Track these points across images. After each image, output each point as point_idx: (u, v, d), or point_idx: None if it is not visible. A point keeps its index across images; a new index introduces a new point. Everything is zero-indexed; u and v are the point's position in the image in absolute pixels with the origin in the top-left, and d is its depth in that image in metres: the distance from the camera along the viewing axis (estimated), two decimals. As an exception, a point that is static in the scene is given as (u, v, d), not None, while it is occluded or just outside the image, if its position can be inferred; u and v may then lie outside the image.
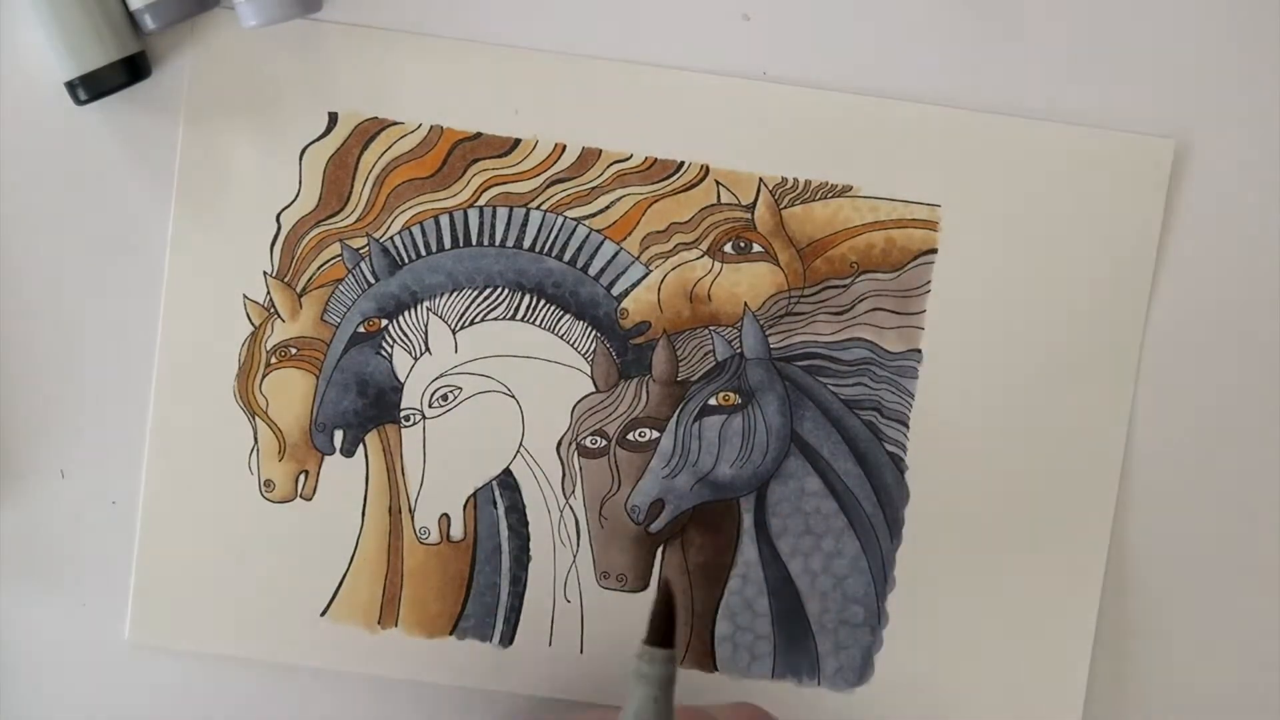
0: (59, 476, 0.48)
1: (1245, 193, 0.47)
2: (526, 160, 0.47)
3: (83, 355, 0.48)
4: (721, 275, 0.48)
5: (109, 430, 0.48)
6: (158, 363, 0.48)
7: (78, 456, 0.48)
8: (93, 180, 0.47)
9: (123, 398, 0.48)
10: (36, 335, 0.48)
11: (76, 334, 0.48)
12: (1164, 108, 0.47)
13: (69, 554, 0.49)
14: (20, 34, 0.47)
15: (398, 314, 0.48)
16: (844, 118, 0.47)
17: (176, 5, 0.45)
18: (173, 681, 0.49)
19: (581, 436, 0.48)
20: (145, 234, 0.48)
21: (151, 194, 0.47)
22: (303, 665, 0.49)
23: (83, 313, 0.48)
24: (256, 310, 0.48)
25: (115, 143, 0.47)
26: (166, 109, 0.47)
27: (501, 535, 0.49)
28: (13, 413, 0.48)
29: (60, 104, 0.46)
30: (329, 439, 0.48)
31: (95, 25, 0.45)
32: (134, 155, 0.47)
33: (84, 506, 0.49)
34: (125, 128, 0.47)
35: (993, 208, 0.48)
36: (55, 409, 0.48)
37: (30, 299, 0.48)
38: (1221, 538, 0.48)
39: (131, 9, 0.46)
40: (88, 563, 0.49)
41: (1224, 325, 0.48)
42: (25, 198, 0.47)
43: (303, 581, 0.49)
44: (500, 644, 0.49)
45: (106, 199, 0.47)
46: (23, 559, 0.49)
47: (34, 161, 0.47)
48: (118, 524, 0.48)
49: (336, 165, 0.47)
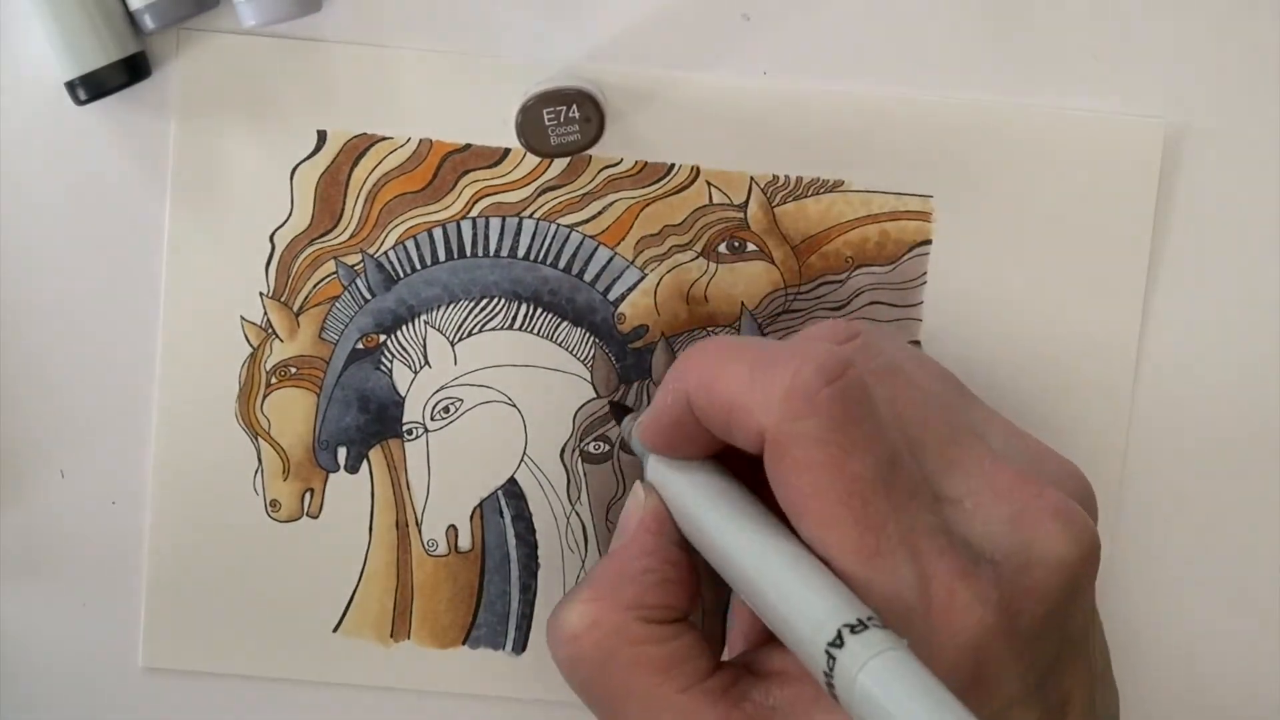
0: (59, 476, 0.49)
1: (1238, 175, 0.47)
2: (517, 170, 0.47)
3: (83, 355, 0.48)
4: (717, 276, 0.48)
5: (109, 431, 0.48)
6: (158, 388, 0.48)
7: (78, 456, 0.48)
8: (93, 180, 0.47)
9: (123, 397, 0.48)
10: (37, 335, 0.48)
11: (77, 334, 0.48)
12: (1154, 91, 0.47)
13: (69, 554, 0.49)
14: (20, 34, 0.46)
15: (395, 329, 0.48)
16: (833, 112, 0.47)
17: (176, 5, 0.45)
18: (187, 703, 0.49)
19: (585, 442, 0.48)
20: (146, 233, 0.47)
21: (152, 193, 0.47)
22: (317, 681, 0.49)
23: (83, 313, 0.48)
24: (254, 331, 0.48)
25: (115, 143, 0.47)
26: (166, 109, 0.47)
27: (509, 544, 0.49)
28: (13, 413, 0.48)
29: (60, 104, 0.46)
30: (332, 456, 0.48)
31: (95, 25, 0.45)
32: (134, 155, 0.47)
33: (84, 507, 0.49)
34: (125, 128, 0.47)
35: (985, 196, 0.47)
36: (55, 409, 0.48)
37: (30, 299, 0.48)
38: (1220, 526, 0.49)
39: (131, 9, 0.45)
40: (88, 563, 0.49)
41: (1221, 309, 0.48)
42: (25, 198, 0.47)
43: (313, 599, 0.49)
44: (513, 652, 0.49)
45: (107, 199, 0.47)
46: (23, 559, 0.49)
47: (34, 162, 0.47)
48: (118, 524, 0.48)
49: (327, 183, 0.47)
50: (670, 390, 0.39)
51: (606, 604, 0.39)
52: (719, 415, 0.38)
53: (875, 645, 0.33)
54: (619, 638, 0.39)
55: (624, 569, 0.40)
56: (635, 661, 0.38)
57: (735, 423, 0.37)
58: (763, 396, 0.36)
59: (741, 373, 0.37)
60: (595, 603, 0.39)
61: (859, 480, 0.35)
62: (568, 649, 0.39)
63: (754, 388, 0.37)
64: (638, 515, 0.41)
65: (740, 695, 0.37)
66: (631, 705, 0.38)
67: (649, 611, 0.39)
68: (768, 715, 0.37)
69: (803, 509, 0.36)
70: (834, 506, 0.35)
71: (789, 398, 0.36)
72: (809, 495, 0.36)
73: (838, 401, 0.36)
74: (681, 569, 0.40)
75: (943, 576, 0.35)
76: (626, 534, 0.41)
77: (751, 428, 0.37)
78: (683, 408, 0.39)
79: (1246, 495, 0.48)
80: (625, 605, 0.39)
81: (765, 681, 0.38)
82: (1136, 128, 0.47)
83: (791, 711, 0.36)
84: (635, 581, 0.39)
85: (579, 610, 0.39)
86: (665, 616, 0.39)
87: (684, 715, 0.37)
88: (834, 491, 0.35)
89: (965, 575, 0.36)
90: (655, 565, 0.40)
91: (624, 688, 0.38)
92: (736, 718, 0.37)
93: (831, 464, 0.35)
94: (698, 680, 0.38)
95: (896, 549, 0.35)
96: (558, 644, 0.40)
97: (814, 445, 0.36)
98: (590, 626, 0.39)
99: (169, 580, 0.48)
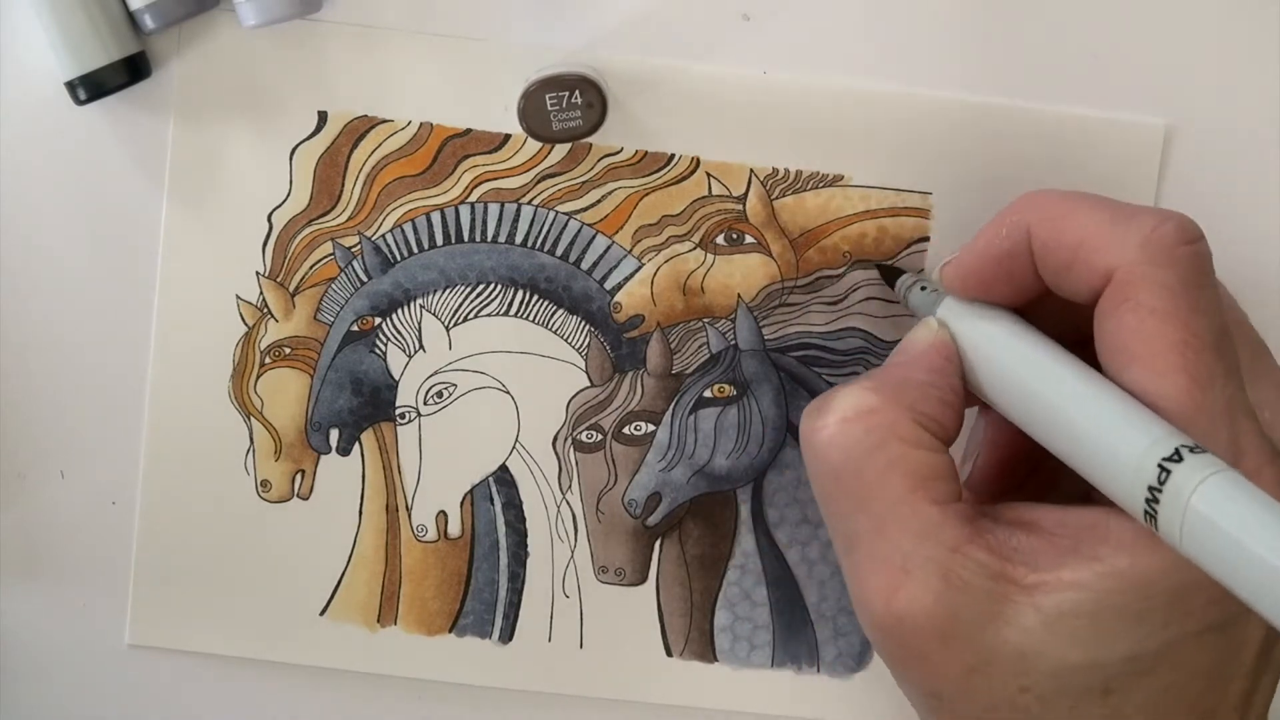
0: (59, 476, 0.48)
1: (1236, 174, 0.47)
2: (516, 156, 0.47)
3: (84, 355, 0.48)
4: (714, 267, 0.48)
5: (108, 430, 0.48)
6: (152, 365, 0.48)
7: (78, 456, 0.48)
8: (93, 180, 0.47)
9: (123, 397, 0.48)
10: (38, 335, 0.48)
11: (78, 334, 0.48)
12: (1154, 90, 0.47)
13: (69, 554, 0.49)
14: (20, 34, 0.46)
15: (391, 312, 0.48)
16: (834, 107, 0.47)
17: (176, 5, 0.45)
18: (172, 682, 0.49)
19: (577, 431, 0.48)
20: (147, 233, 0.47)
21: (151, 194, 0.47)
22: (302, 664, 0.49)
23: (83, 313, 0.48)
24: (250, 311, 0.48)
25: (115, 143, 0.47)
26: (166, 109, 0.47)
27: (499, 531, 0.49)
28: (13, 413, 0.48)
29: (60, 104, 0.46)
30: (324, 438, 0.48)
31: (95, 25, 0.45)
32: (134, 155, 0.47)
33: (84, 506, 0.49)
34: (125, 128, 0.47)
35: (984, 195, 0.47)
36: (55, 409, 0.48)
37: (30, 299, 0.48)
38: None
39: (131, 9, 0.45)
40: (88, 563, 0.49)
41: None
42: (25, 197, 0.47)
43: (301, 581, 0.49)
44: (500, 640, 0.49)
45: (106, 198, 0.47)
46: (23, 559, 0.49)
47: (34, 162, 0.47)
48: (117, 524, 0.48)
49: (327, 164, 0.47)
50: (1007, 223, 0.39)
51: (887, 396, 0.39)
52: (1064, 252, 0.38)
53: (1207, 467, 0.32)
54: (892, 431, 0.38)
55: (909, 376, 0.40)
56: (899, 459, 0.38)
57: (1080, 261, 0.37)
58: (1120, 238, 0.37)
59: (1100, 213, 0.38)
60: (877, 393, 0.39)
61: (1199, 336, 0.36)
62: (837, 428, 0.39)
63: (1112, 229, 0.37)
64: (928, 340, 0.41)
65: (984, 529, 0.37)
66: (880, 500, 0.38)
67: (925, 419, 0.39)
68: (1009, 553, 0.36)
69: (1136, 352, 0.36)
70: (1169, 353, 0.36)
71: (1148, 243, 0.36)
72: (1147, 339, 0.36)
73: (1194, 260, 0.37)
74: (959, 398, 0.40)
75: (1254, 455, 0.35)
76: (913, 352, 0.41)
77: (1097, 267, 0.37)
78: (1018, 241, 0.39)
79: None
80: (907, 404, 0.39)
81: (1009, 527, 0.37)
82: (1136, 128, 0.47)
83: (1036, 557, 0.36)
84: (919, 388, 0.39)
85: (859, 394, 0.39)
86: (937, 432, 0.39)
87: (930, 526, 0.37)
88: (1173, 339, 0.36)
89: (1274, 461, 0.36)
90: (940, 382, 0.39)
91: (879, 483, 0.38)
92: (980, 545, 0.36)
93: (1177, 315, 0.36)
94: (951, 499, 0.38)
95: (1219, 410, 0.35)
96: (824, 423, 0.39)
97: (1165, 292, 0.36)
98: (868, 411, 0.38)
99: (156, 557, 0.48)
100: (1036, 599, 0.36)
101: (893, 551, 0.37)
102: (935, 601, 0.36)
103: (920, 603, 0.36)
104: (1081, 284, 0.38)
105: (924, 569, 0.36)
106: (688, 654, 0.49)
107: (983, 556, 0.36)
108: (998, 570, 0.36)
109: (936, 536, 0.37)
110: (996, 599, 0.36)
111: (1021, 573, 0.36)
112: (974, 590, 0.36)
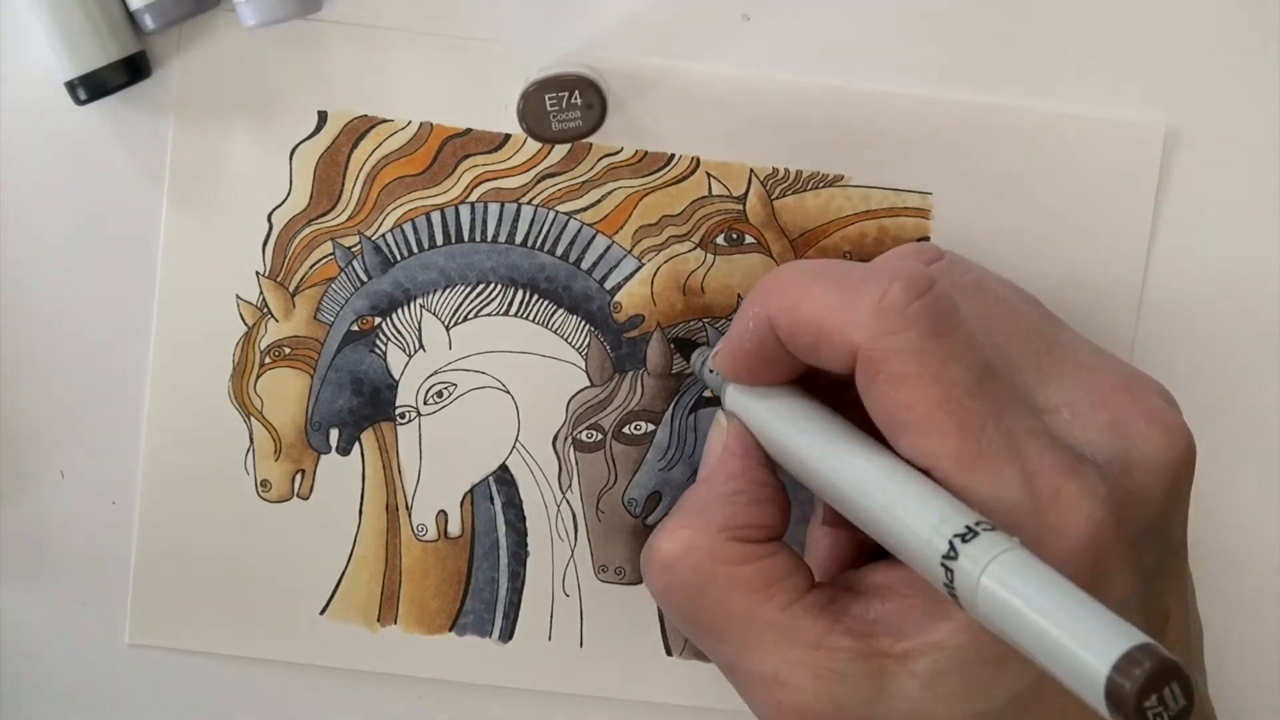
0: (59, 476, 0.48)
1: (1237, 174, 0.47)
2: (516, 156, 0.47)
3: (84, 355, 0.48)
4: (714, 267, 0.48)
5: (108, 430, 0.48)
6: (152, 365, 0.48)
7: (78, 456, 0.48)
8: (93, 180, 0.47)
9: (123, 397, 0.48)
10: (38, 336, 0.48)
11: (79, 334, 0.48)
12: (1154, 90, 0.47)
13: (69, 554, 0.49)
14: (20, 34, 0.46)
15: (391, 312, 0.48)
16: (834, 107, 0.47)
17: (176, 5, 0.45)
18: (172, 681, 0.49)
19: (577, 431, 0.48)
20: (147, 233, 0.47)
21: (151, 194, 0.47)
22: (302, 664, 0.49)
23: (83, 313, 0.48)
24: (249, 310, 0.48)
25: (115, 143, 0.47)
26: (166, 109, 0.47)
27: (499, 531, 0.49)
28: (13, 413, 0.48)
29: (60, 104, 0.46)
30: (324, 438, 0.48)
31: (95, 25, 0.45)
32: (134, 155, 0.47)
33: (84, 506, 0.49)
34: (125, 128, 0.47)
35: (984, 195, 0.48)
36: (55, 409, 0.48)
37: (30, 299, 0.48)
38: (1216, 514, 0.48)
39: (131, 9, 0.45)
40: (88, 563, 0.49)
41: (1217, 310, 0.48)
42: (25, 198, 0.47)
43: (301, 580, 0.49)
44: (500, 639, 0.49)
45: (107, 199, 0.47)
46: (23, 559, 0.49)
47: (34, 162, 0.47)
48: (117, 524, 0.48)
49: (327, 164, 0.47)
50: (750, 315, 0.39)
51: (698, 528, 0.39)
52: (806, 337, 0.38)
53: (991, 549, 0.32)
54: (714, 560, 0.38)
55: (712, 493, 0.40)
56: (732, 582, 0.38)
57: (824, 343, 0.37)
58: (853, 315, 0.37)
59: (828, 293, 0.37)
60: (687, 528, 0.39)
61: (956, 387, 0.36)
62: (664, 577, 0.39)
63: (843, 307, 0.37)
64: (721, 442, 0.41)
65: (840, 610, 0.37)
66: (732, 627, 0.38)
67: (741, 531, 0.39)
68: (870, 628, 0.37)
69: (901, 421, 0.36)
70: (932, 414, 0.36)
71: (879, 314, 0.36)
72: (906, 406, 0.36)
73: (928, 313, 0.36)
74: (769, 489, 0.40)
75: (1048, 473, 0.35)
76: (711, 462, 0.41)
77: (842, 347, 0.37)
78: (764, 332, 0.39)
79: (1246, 493, 0.48)
80: (717, 527, 0.39)
81: (864, 597, 0.37)
82: (1136, 128, 0.47)
83: (898, 623, 0.36)
84: (725, 503, 0.39)
85: (671, 537, 0.39)
86: (758, 536, 0.39)
87: (786, 632, 0.37)
88: (931, 399, 0.36)
89: (1071, 472, 0.35)
90: (743, 486, 0.40)
91: (723, 610, 0.38)
92: (839, 631, 0.37)
93: (927, 374, 0.36)
94: (797, 597, 0.38)
95: (998, 450, 0.35)
96: (654, 574, 0.39)
97: (908, 357, 0.36)
98: (685, 551, 0.39)
99: (156, 557, 0.48)
100: (910, 666, 0.36)
101: (762, 667, 0.37)
102: (815, 699, 0.37)
103: (804, 706, 0.37)
104: (834, 363, 0.38)
105: (795, 674, 0.37)
106: (688, 653, 0.49)
107: (846, 643, 0.37)
108: (864, 650, 0.36)
109: (795, 640, 0.37)
110: (873, 676, 0.36)
111: (888, 643, 0.36)
112: (849, 677, 0.36)
